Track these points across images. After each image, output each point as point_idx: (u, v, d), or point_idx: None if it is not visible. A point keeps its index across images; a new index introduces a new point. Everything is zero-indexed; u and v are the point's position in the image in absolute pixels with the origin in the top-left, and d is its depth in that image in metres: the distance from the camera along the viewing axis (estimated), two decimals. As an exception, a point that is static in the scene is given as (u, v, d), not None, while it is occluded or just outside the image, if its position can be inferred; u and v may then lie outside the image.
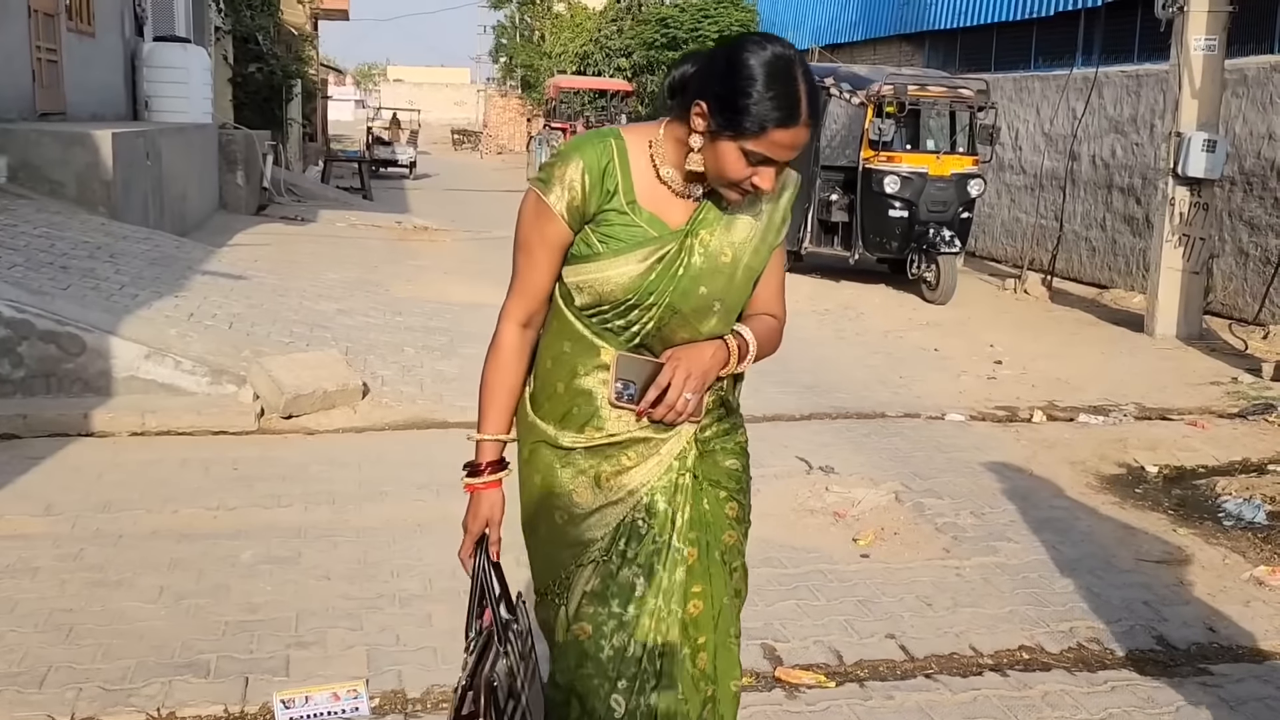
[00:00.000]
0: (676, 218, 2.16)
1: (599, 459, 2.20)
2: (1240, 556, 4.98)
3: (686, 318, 2.15)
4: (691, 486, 2.23)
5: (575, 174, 2.14)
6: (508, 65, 53.44)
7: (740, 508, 2.33)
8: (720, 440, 2.29)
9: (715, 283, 2.16)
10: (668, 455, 2.20)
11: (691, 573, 2.23)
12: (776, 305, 2.33)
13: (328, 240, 14.46)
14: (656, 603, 2.19)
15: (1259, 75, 11.00)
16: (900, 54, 19.28)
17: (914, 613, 4.25)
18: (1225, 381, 8.38)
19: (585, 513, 2.22)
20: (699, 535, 2.23)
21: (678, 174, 2.16)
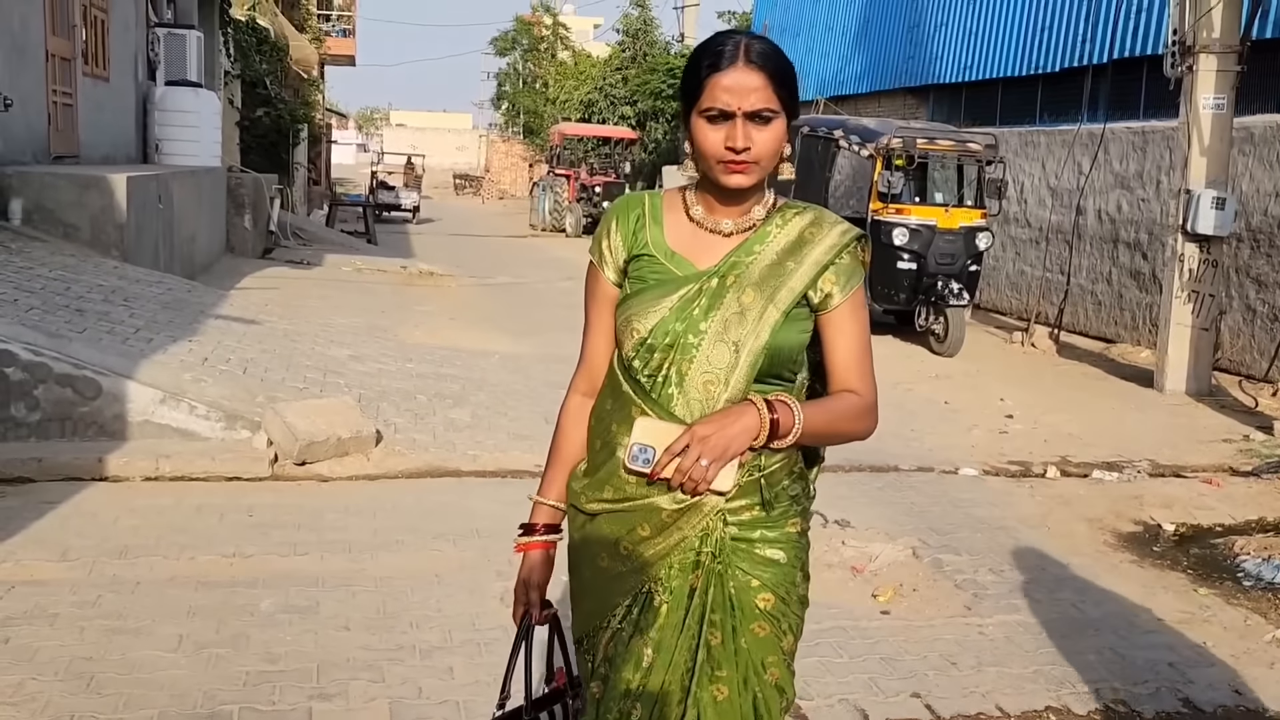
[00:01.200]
0: (707, 259, 2.12)
1: (617, 525, 2.12)
2: (1261, 618, 4.95)
3: (706, 363, 2.06)
4: (713, 568, 2.09)
5: (611, 230, 2.19)
6: (510, 111, 53.92)
7: (777, 602, 2.12)
8: (763, 525, 2.11)
9: (736, 327, 2.07)
10: (687, 529, 2.07)
11: (713, 657, 2.10)
12: (855, 378, 2.13)
13: (334, 285, 14.50)
14: (665, 677, 2.08)
15: (1266, 133, 11.09)
16: (905, 106, 19.44)
17: (938, 671, 4.22)
18: (1237, 439, 8.38)
19: (608, 576, 2.16)
20: (722, 619, 2.10)
21: (705, 209, 2.16)
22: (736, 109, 2.00)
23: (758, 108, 2.00)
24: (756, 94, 2.00)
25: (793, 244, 2.12)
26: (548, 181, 29.70)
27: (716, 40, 2.07)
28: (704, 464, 1.93)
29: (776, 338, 2.07)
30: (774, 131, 2.04)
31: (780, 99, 2.03)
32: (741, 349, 2.06)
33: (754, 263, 2.11)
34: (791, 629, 2.15)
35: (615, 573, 2.13)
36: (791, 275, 2.10)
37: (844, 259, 2.12)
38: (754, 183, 2.08)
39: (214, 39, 19.41)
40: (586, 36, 60.17)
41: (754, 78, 2.00)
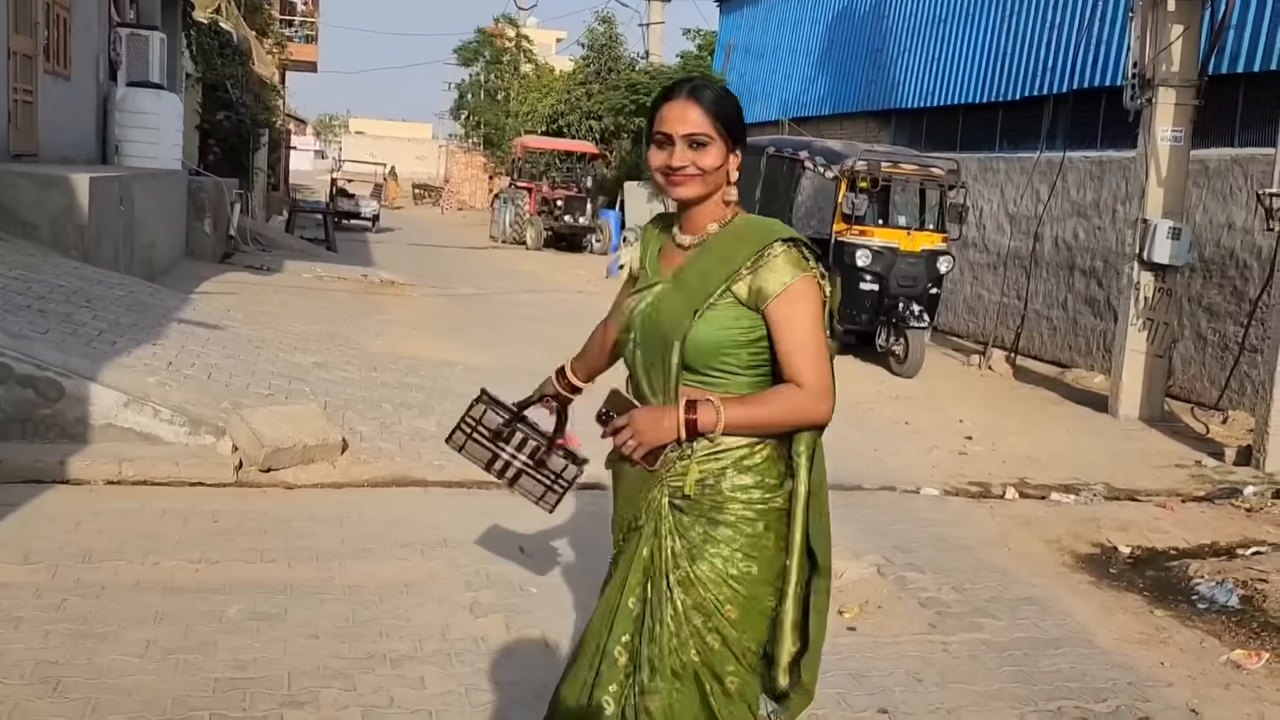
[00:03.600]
0: (669, 269, 2.52)
1: (623, 482, 2.60)
2: (1216, 639, 5.06)
3: (651, 351, 2.46)
4: (653, 531, 2.46)
5: (639, 242, 2.71)
6: (471, 122, 53.83)
7: (714, 571, 2.40)
8: (708, 504, 2.41)
9: (671, 324, 2.42)
10: (645, 489, 2.47)
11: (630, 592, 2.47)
12: (800, 369, 2.36)
13: (294, 292, 14.40)
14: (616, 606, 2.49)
15: (1220, 167, 11.34)
16: (867, 130, 19.66)
17: (904, 688, 4.27)
18: (1189, 464, 8.55)
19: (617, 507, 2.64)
20: (648, 575, 2.46)
21: (678, 227, 2.56)
22: (674, 134, 2.41)
23: (692, 132, 2.40)
24: (692, 123, 2.40)
25: (726, 251, 2.43)
26: (509, 194, 29.69)
27: (672, 83, 2.52)
28: (629, 442, 2.37)
29: (694, 334, 2.38)
30: (711, 154, 2.42)
31: (715, 128, 2.41)
32: (669, 344, 2.41)
33: (693, 268, 2.47)
34: (732, 601, 2.41)
35: (620, 500, 2.62)
36: (709, 276, 2.42)
37: (774, 260, 2.38)
38: (695, 195, 2.45)
39: (176, 41, 19.25)
40: (549, 50, 60.20)
41: (691, 109, 2.41)
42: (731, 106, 2.46)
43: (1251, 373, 10.45)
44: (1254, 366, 10.37)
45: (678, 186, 2.44)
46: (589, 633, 2.54)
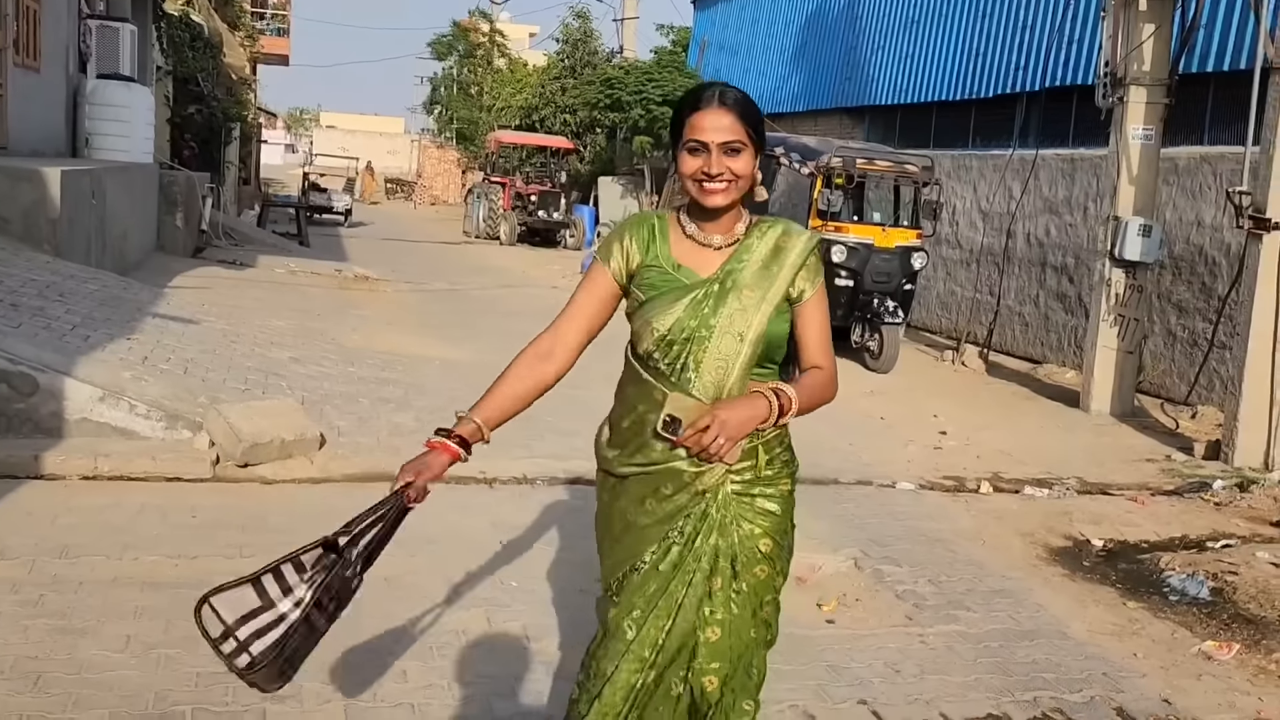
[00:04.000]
0: (707, 268, 2.58)
1: (645, 486, 2.57)
2: (1188, 631, 5.14)
3: (717, 351, 2.51)
4: (722, 520, 2.55)
5: (626, 239, 2.64)
6: (443, 117, 53.63)
7: (775, 545, 2.60)
8: (762, 485, 2.59)
9: (739, 321, 2.52)
10: (701, 486, 2.53)
11: (713, 599, 2.56)
12: (821, 356, 2.63)
13: (269, 286, 14.33)
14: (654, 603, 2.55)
15: (1189, 165, 11.47)
16: (841, 126, 19.75)
17: (883, 679, 4.32)
18: (1160, 459, 8.66)
19: (637, 528, 2.60)
20: (726, 565, 2.56)
21: (697, 227, 2.60)
22: (710, 142, 2.48)
23: (728, 139, 2.48)
24: (727, 130, 2.48)
25: (772, 251, 2.58)
26: (483, 189, 29.62)
27: (698, 89, 2.57)
28: (721, 441, 2.38)
29: (770, 328, 2.54)
30: (743, 160, 2.51)
31: (747, 134, 2.50)
32: (744, 339, 2.52)
33: (744, 269, 2.56)
34: (783, 571, 2.64)
35: (642, 525, 2.58)
36: (777, 277, 2.56)
37: (811, 260, 2.61)
38: (729, 202, 2.53)
39: (146, 33, 19.09)
40: (523, 44, 60.08)
41: (725, 117, 2.48)
42: (756, 111, 2.56)
43: (1220, 369, 10.58)
44: (1222, 363, 10.50)
45: (713, 195, 2.51)
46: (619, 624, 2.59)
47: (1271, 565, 6.00)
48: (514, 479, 6.69)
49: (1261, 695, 4.48)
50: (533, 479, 6.72)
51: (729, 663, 2.57)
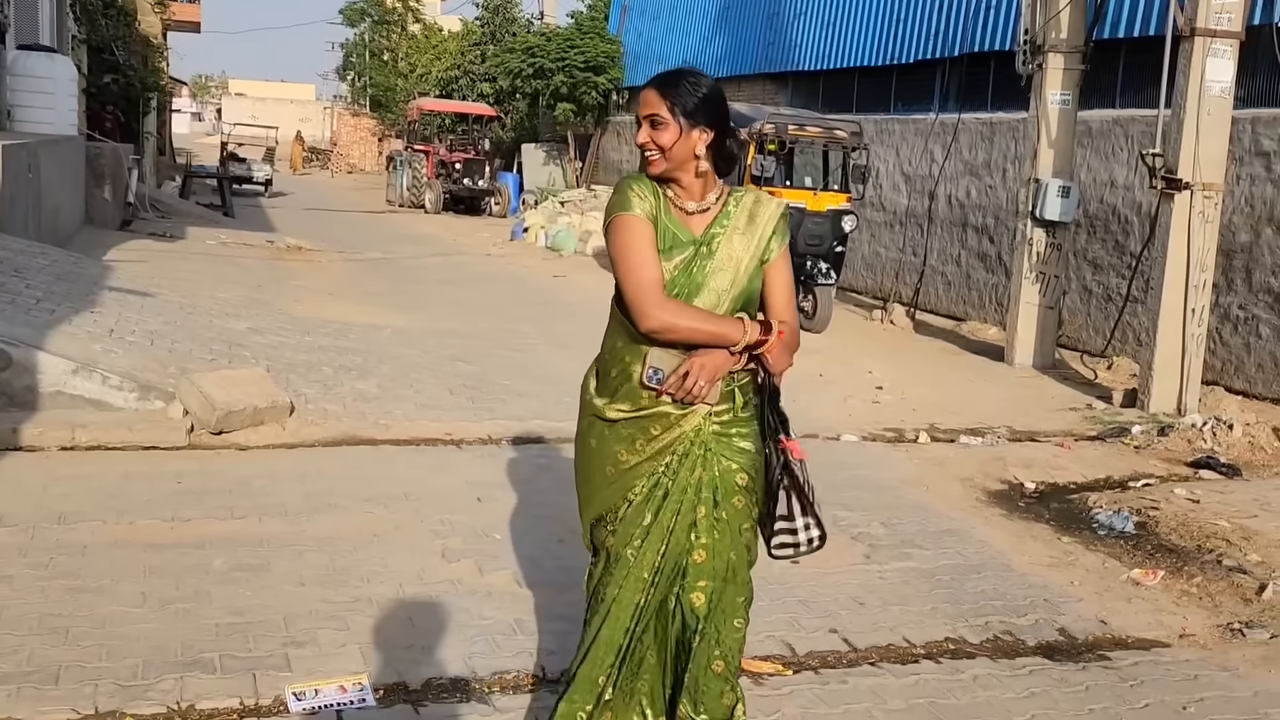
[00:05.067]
0: (695, 230, 2.87)
1: (635, 428, 2.86)
2: (1117, 561, 5.61)
3: (699, 303, 2.81)
4: (705, 456, 2.85)
5: (642, 191, 2.86)
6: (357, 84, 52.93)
7: (750, 479, 2.90)
8: (738, 425, 2.89)
9: (719, 280, 2.82)
10: (687, 428, 2.83)
11: (698, 526, 2.87)
12: (786, 312, 2.92)
13: (203, 259, 14.32)
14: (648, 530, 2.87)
15: (1102, 127, 12.03)
16: (764, 92, 20.10)
17: (850, 611, 4.71)
18: (1081, 407, 9.20)
19: (628, 467, 2.89)
20: (709, 495, 2.87)
21: (674, 193, 2.88)
22: (639, 114, 2.82)
23: (649, 113, 2.80)
24: (650, 104, 2.80)
25: (749, 217, 2.90)
26: (406, 157, 29.49)
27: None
28: (702, 383, 2.74)
29: (749, 285, 2.86)
30: (666, 134, 2.77)
31: (670, 109, 2.77)
32: (724, 295, 2.83)
33: (724, 233, 2.87)
34: (758, 501, 2.94)
35: (633, 464, 2.87)
36: (752, 241, 2.87)
37: (780, 223, 2.92)
38: (658, 172, 2.83)
39: (62, 1, 18.74)
40: (436, 9, 59.50)
41: (650, 93, 2.81)
42: (691, 92, 2.79)
43: (1132, 322, 11.18)
44: (1134, 316, 11.09)
45: (648, 165, 2.84)
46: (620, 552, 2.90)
47: (1188, 501, 6.52)
48: (480, 440, 6.95)
49: (1185, 615, 4.95)
50: (498, 439, 6.99)
51: (714, 581, 2.88)
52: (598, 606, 2.95)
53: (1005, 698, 4.02)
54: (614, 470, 2.90)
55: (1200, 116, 8.75)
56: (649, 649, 2.96)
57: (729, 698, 2.93)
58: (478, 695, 3.80)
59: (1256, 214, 10.15)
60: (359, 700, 3.71)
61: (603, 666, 2.91)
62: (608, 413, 2.88)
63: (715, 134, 2.83)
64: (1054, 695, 4.07)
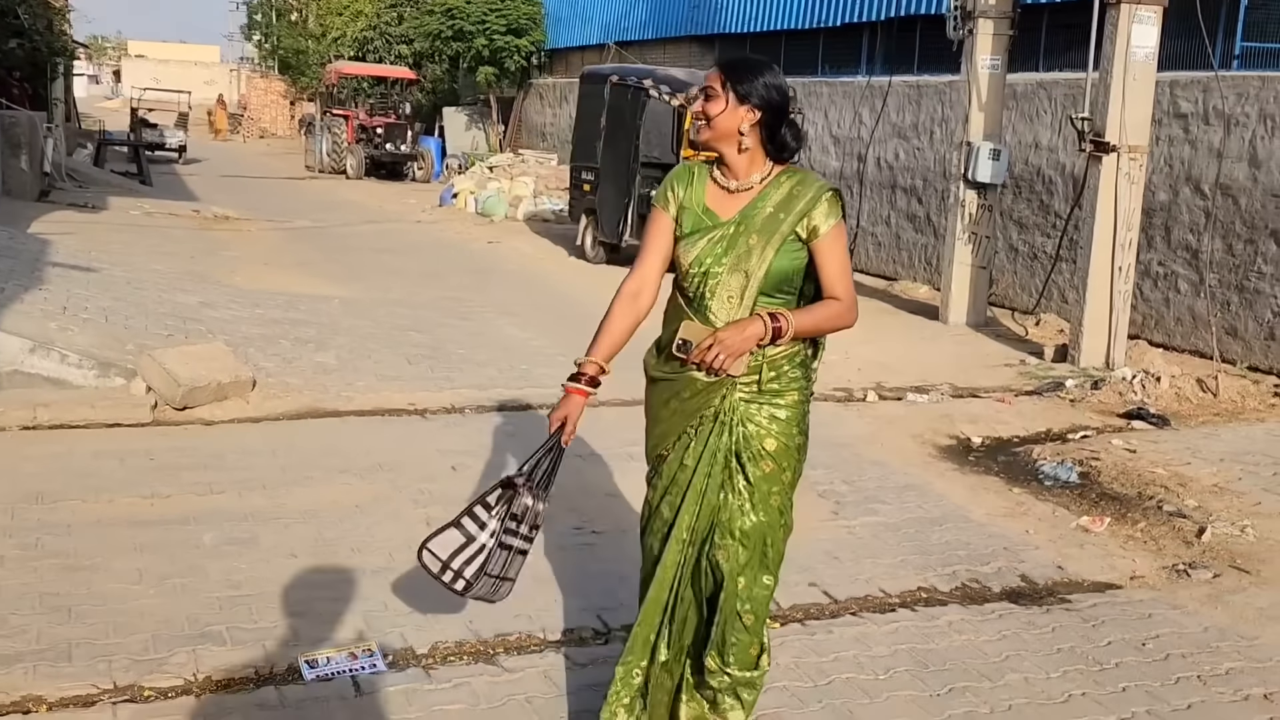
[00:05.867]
0: (728, 211, 3.05)
1: (669, 390, 3.11)
2: (1066, 509, 5.91)
3: (728, 285, 3.00)
4: (731, 423, 3.03)
5: (675, 188, 3.14)
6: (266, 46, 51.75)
7: (779, 445, 3.05)
8: (770, 395, 3.04)
9: (747, 260, 2.99)
10: (713, 394, 3.03)
11: (727, 488, 3.04)
12: (838, 289, 3.05)
13: (130, 230, 14.10)
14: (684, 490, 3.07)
15: (1027, 91, 12.36)
16: (691, 55, 20.18)
17: (826, 565, 4.93)
18: (1015, 363, 9.54)
19: (664, 421, 3.14)
20: (734, 460, 3.04)
21: (720, 173, 3.09)
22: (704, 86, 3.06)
23: (705, 85, 3.04)
24: (709, 79, 3.03)
25: (785, 199, 3.02)
26: (326, 122, 29.05)
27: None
28: (722, 358, 2.90)
29: (774, 265, 2.99)
30: (715, 105, 3.00)
31: (723, 84, 2.99)
32: (751, 276, 2.99)
33: (758, 215, 3.02)
34: (790, 468, 3.10)
35: (666, 419, 3.13)
36: (784, 221, 3.00)
37: (823, 204, 3.01)
38: (704, 139, 3.04)
39: (-35, -36, 18.14)
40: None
41: (713, 70, 3.05)
42: (748, 73, 2.99)
43: (1058, 279, 11.56)
44: (1060, 274, 11.48)
45: (696, 133, 3.07)
46: (658, 508, 3.15)
47: (1126, 450, 6.86)
48: (444, 409, 7.04)
49: (1134, 558, 5.26)
50: (461, 408, 7.09)
51: (742, 539, 3.04)
52: (645, 560, 3.21)
53: (980, 641, 4.27)
54: (653, 421, 3.17)
55: (1126, 81, 9.06)
56: (689, 606, 3.12)
57: (755, 648, 3.10)
58: (485, 657, 3.94)
59: (1175, 174, 10.55)
60: (370, 666, 3.82)
61: (653, 625, 3.12)
62: (653, 372, 3.15)
63: (763, 115, 2.98)
64: (1023, 637, 4.33)
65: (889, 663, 4.05)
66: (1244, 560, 5.22)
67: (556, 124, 25.53)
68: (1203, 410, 8.19)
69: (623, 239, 13.52)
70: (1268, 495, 6.09)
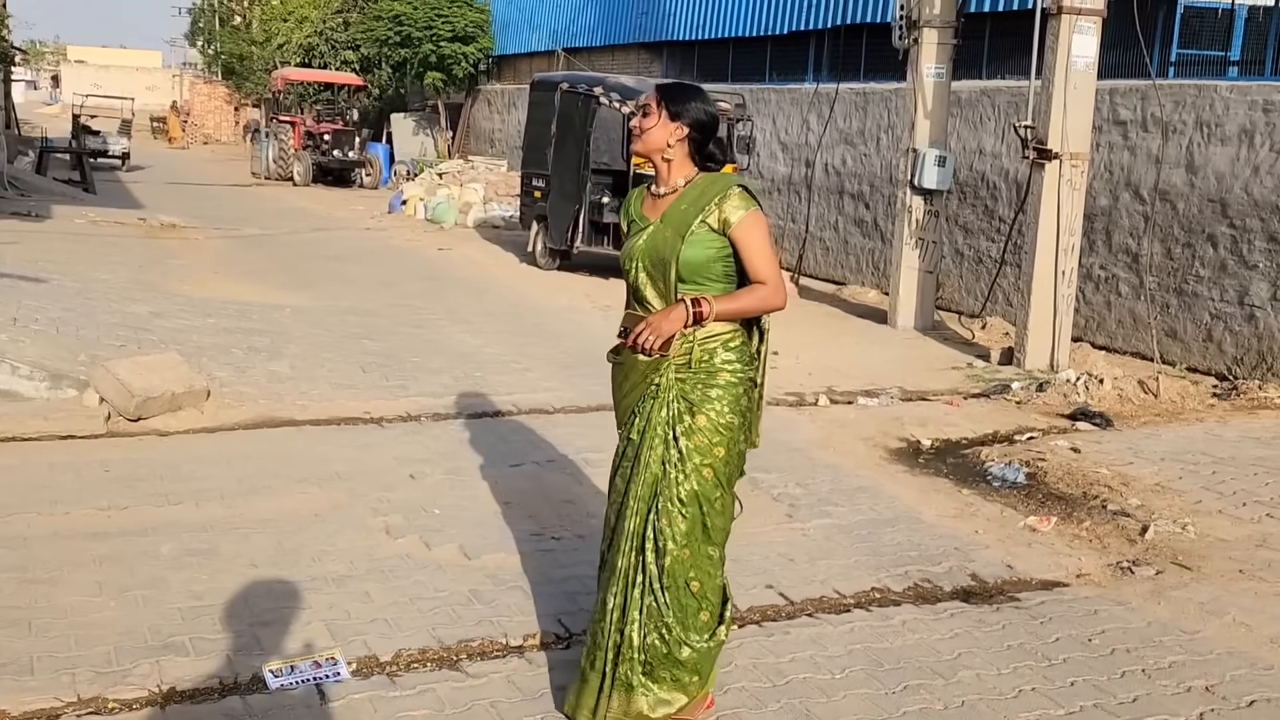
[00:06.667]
0: (655, 215, 3.46)
1: (620, 373, 3.53)
2: (1014, 510, 6.05)
3: (651, 272, 3.39)
4: (666, 399, 3.36)
5: (627, 205, 3.62)
6: (210, 51, 51.19)
7: (709, 421, 3.35)
8: (704, 375, 3.36)
9: (665, 251, 3.36)
10: (652, 373, 3.39)
11: (663, 455, 3.36)
12: (762, 272, 3.38)
13: (77, 239, 13.94)
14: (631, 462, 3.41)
15: (970, 98, 12.58)
16: (640, 62, 20.29)
17: (781, 567, 5.02)
18: (963, 366, 9.72)
19: (620, 401, 3.54)
20: (670, 433, 3.36)
21: (653, 183, 3.52)
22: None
23: (643, 103, 3.48)
24: (648, 98, 3.47)
25: (696, 196, 3.41)
26: (272, 129, 28.81)
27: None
28: (650, 338, 3.30)
29: (685, 254, 3.34)
30: (648, 119, 3.42)
31: (658, 103, 3.42)
32: (667, 265, 3.36)
33: (674, 212, 3.42)
34: (722, 444, 3.38)
35: (623, 396, 3.53)
36: (692, 215, 3.37)
37: (732, 198, 3.35)
38: (637, 148, 3.46)
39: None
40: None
41: (652, 92, 3.49)
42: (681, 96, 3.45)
43: (1003, 283, 11.78)
44: (1005, 278, 11.69)
45: (631, 142, 3.53)
46: (614, 481, 3.51)
47: (1071, 451, 7.03)
48: (400, 417, 7.06)
49: (1080, 556, 5.40)
50: (417, 415, 7.11)
51: (677, 505, 3.34)
52: (606, 530, 3.52)
53: (932, 639, 4.38)
54: (616, 402, 3.58)
55: (1067, 90, 9.27)
56: (639, 571, 3.38)
57: (706, 614, 3.41)
58: (448, 663, 3.98)
59: (1115, 179, 10.80)
60: (334, 674, 3.85)
61: (609, 589, 3.42)
62: (610, 359, 3.56)
63: (691, 131, 3.41)
64: (975, 635, 4.44)
65: (845, 662, 4.14)
66: (1185, 557, 5.38)
67: (505, 130, 25.54)
68: (1144, 411, 8.40)
69: (573, 246, 13.58)
70: (1207, 493, 6.27)
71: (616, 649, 3.39)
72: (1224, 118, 9.73)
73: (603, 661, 3.41)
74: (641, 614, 3.36)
